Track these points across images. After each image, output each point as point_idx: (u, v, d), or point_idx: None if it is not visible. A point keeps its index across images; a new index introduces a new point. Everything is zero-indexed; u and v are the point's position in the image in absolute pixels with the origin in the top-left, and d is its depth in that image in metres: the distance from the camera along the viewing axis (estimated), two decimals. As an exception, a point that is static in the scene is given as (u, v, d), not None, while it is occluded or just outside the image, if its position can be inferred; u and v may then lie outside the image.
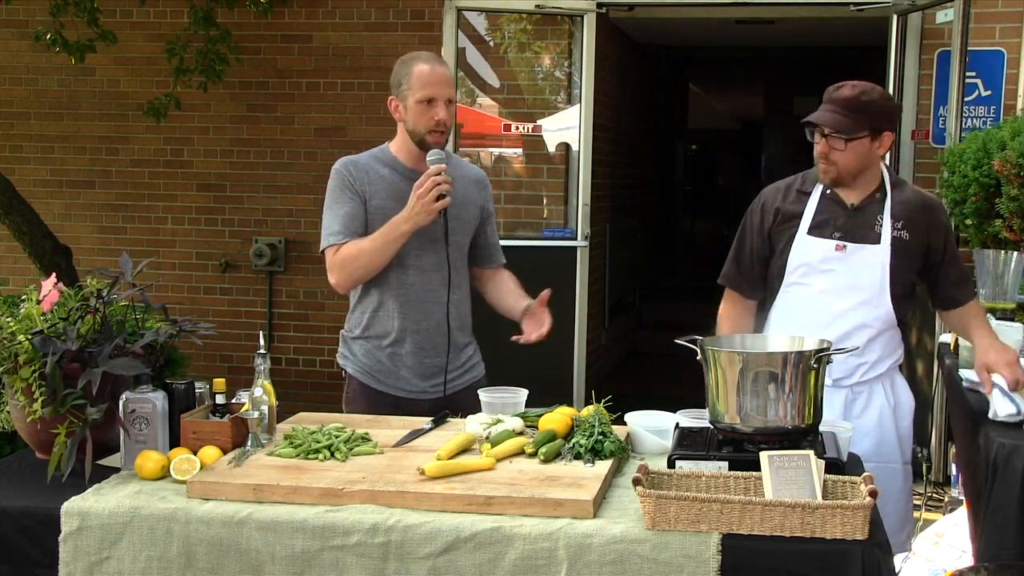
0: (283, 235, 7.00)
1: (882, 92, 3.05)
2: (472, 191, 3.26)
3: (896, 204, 3.05)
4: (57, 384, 2.45)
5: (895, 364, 3.16)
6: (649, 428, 2.69)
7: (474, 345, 3.36)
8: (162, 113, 6.15)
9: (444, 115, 3.09)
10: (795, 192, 3.14)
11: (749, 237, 3.19)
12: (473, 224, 3.27)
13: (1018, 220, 4.36)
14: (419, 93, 3.09)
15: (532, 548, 2.15)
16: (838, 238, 3.04)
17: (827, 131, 2.97)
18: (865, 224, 3.04)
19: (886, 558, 2.11)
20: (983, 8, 5.86)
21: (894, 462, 3.08)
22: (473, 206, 3.25)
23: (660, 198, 12.40)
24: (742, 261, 3.21)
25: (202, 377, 2.84)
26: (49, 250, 6.04)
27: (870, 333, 3.05)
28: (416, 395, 3.20)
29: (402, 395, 3.20)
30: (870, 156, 3.01)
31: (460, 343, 3.26)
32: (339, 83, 6.85)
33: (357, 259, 3.12)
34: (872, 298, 3.03)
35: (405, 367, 3.20)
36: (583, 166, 6.38)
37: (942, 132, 5.81)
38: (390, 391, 3.21)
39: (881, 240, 3.02)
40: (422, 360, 3.20)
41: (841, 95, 2.99)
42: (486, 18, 6.95)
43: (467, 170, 3.33)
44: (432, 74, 3.10)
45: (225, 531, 2.24)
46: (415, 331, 3.18)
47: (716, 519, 2.13)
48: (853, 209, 3.06)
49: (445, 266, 3.17)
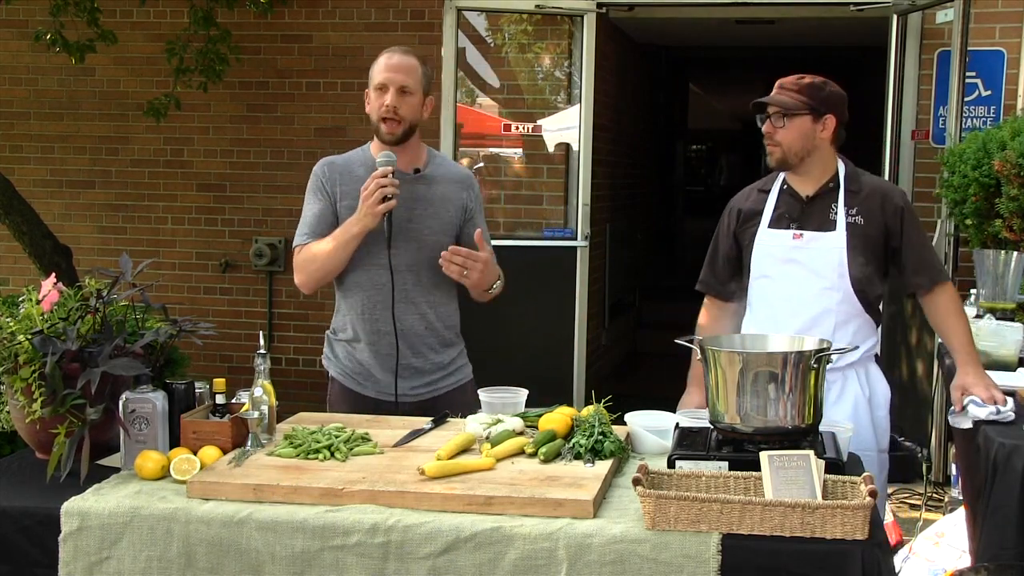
0: (283, 235, 6.99)
1: (828, 82, 3.16)
2: (453, 190, 3.20)
3: (849, 192, 3.13)
4: (57, 384, 2.45)
5: (869, 353, 3.19)
6: (649, 428, 2.69)
7: (458, 348, 3.28)
8: (162, 113, 6.15)
9: (393, 101, 3.05)
10: (756, 192, 3.27)
11: (719, 241, 3.33)
12: (454, 223, 3.19)
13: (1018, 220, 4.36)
14: (375, 81, 3.11)
15: (532, 548, 2.15)
16: (795, 228, 3.14)
17: (771, 110, 3.11)
18: (820, 213, 3.13)
19: (886, 558, 2.11)
20: (983, 8, 5.86)
21: (870, 450, 3.12)
22: (452, 205, 3.19)
23: (660, 198, 12.40)
24: (716, 265, 3.35)
25: (202, 377, 2.83)
26: (49, 250, 6.04)
27: (835, 319, 3.10)
28: (391, 397, 3.14)
29: (382, 398, 3.16)
30: (813, 138, 3.11)
31: (433, 346, 3.19)
32: (339, 83, 6.85)
33: (314, 260, 3.12)
34: (833, 284, 3.09)
35: (380, 370, 3.16)
36: (583, 166, 6.38)
37: (942, 132, 5.81)
38: (369, 394, 3.17)
39: (836, 227, 3.10)
40: (387, 363, 3.14)
41: (787, 80, 3.15)
42: (486, 18, 6.95)
43: (450, 169, 3.27)
44: (388, 61, 3.10)
45: (225, 531, 2.24)
46: (373, 332, 3.14)
47: (716, 519, 2.13)
48: (808, 200, 3.16)
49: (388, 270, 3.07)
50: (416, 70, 3.11)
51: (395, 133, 3.09)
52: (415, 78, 3.10)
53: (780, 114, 3.10)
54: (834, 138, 3.14)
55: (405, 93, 3.08)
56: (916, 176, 6.09)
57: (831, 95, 3.13)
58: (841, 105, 3.14)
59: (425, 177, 3.17)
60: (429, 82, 3.15)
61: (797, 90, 3.11)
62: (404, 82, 3.07)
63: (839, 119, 3.13)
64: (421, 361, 3.17)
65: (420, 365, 3.17)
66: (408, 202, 3.09)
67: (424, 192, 3.15)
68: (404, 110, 3.08)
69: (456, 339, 3.29)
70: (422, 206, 3.13)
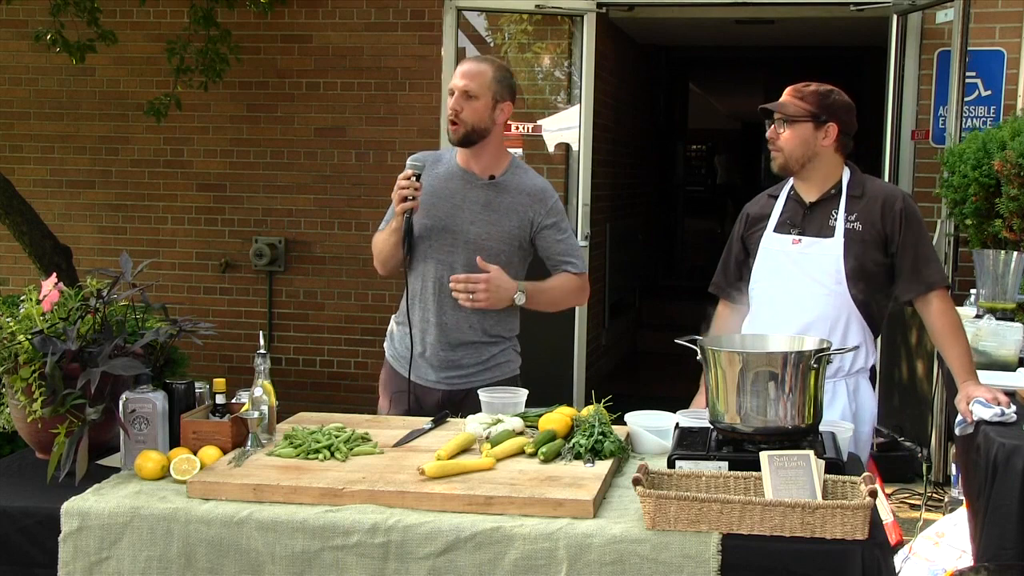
0: (283, 235, 7.00)
1: (835, 90, 3.18)
2: (523, 202, 3.28)
3: (851, 198, 3.15)
4: (57, 384, 2.45)
5: (863, 367, 3.19)
6: (649, 428, 2.69)
7: (501, 346, 3.35)
8: (162, 113, 6.15)
9: (455, 104, 3.19)
10: (766, 197, 3.32)
11: (731, 245, 3.38)
12: (516, 235, 3.28)
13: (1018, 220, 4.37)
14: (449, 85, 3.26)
15: (532, 548, 2.15)
16: (795, 233, 3.17)
17: (776, 115, 3.14)
18: (821, 219, 3.15)
19: (886, 558, 2.11)
20: (983, 8, 5.86)
21: None
22: (518, 216, 3.27)
23: (660, 198, 12.40)
24: (727, 269, 3.39)
25: (202, 377, 2.84)
26: (49, 250, 6.04)
27: (831, 324, 3.10)
28: (430, 384, 3.29)
29: (419, 382, 3.29)
30: (814, 145, 3.12)
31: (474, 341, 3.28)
32: (339, 83, 6.86)
33: (375, 246, 3.35)
34: (831, 290, 3.10)
35: (423, 357, 3.29)
36: (583, 166, 6.39)
37: (942, 132, 5.81)
38: (413, 378, 3.29)
39: (835, 233, 3.11)
40: (437, 352, 3.27)
41: (796, 86, 3.18)
42: (486, 18, 6.95)
43: (525, 180, 3.32)
44: (460, 67, 3.26)
45: (225, 531, 2.24)
46: (436, 323, 3.26)
47: (716, 519, 2.13)
48: (810, 206, 3.18)
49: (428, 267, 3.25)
50: (483, 75, 3.21)
51: (457, 134, 3.22)
52: (480, 83, 3.20)
53: (783, 120, 3.12)
54: (838, 146, 3.15)
55: (469, 97, 3.19)
56: (916, 176, 6.09)
57: (835, 103, 3.14)
58: (846, 114, 3.13)
59: (497, 185, 3.27)
60: (503, 87, 3.23)
61: (801, 97, 3.13)
62: (468, 87, 3.19)
63: (841, 127, 3.12)
64: (460, 354, 3.28)
65: (456, 359, 3.28)
66: (476, 207, 3.24)
67: (493, 199, 3.26)
68: (466, 114, 3.19)
69: (502, 339, 3.36)
70: (487, 212, 3.25)
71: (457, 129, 3.20)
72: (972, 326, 3.52)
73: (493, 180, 3.27)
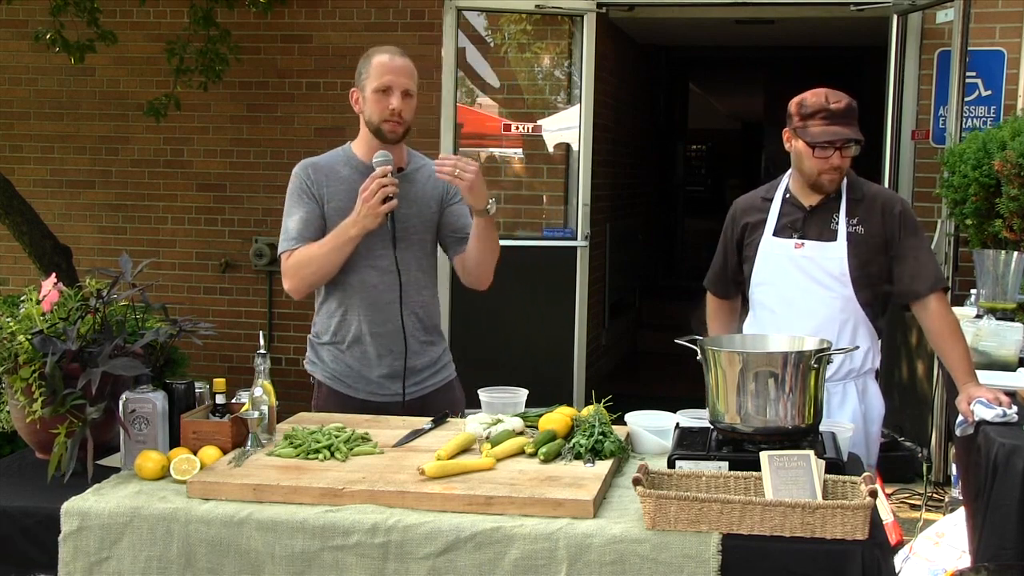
0: (283, 235, 6.99)
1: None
2: (432, 185, 3.19)
3: (851, 201, 3.15)
4: (57, 384, 2.45)
5: (869, 368, 3.21)
6: (649, 428, 2.69)
7: (443, 346, 3.29)
8: (162, 113, 6.15)
9: (399, 104, 3.07)
10: (760, 200, 3.30)
11: (724, 247, 3.38)
12: (434, 219, 3.20)
13: (1018, 220, 4.37)
14: (376, 82, 3.09)
15: (532, 548, 2.15)
16: (797, 237, 3.17)
17: (856, 143, 3.08)
18: (822, 222, 3.16)
19: (886, 558, 2.11)
20: (983, 8, 5.86)
21: None
22: (432, 200, 3.20)
23: (660, 198, 12.40)
24: (718, 266, 3.41)
25: (202, 377, 2.83)
26: (49, 250, 6.05)
27: (837, 327, 3.11)
28: (384, 398, 3.15)
29: (370, 398, 3.15)
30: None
31: (421, 345, 3.19)
32: (339, 83, 6.85)
33: (308, 264, 3.09)
34: (835, 293, 3.11)
35: (370, 370, 3.15)
36: (583, 166, 6.39)
37: (942, 132, 5.81)
38: (358, 395, 3.16)
39: (838, 236, 3.12)
40: (387, 363, 3.15)
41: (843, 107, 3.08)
42: (486, 18, 6.95)
43: (422, 163, 3.26)
44: (390, 63, 3.10)
45: (225, 531, 2.24)
46: (378, 333, 3.13)
47: (716, 519, 2.13)
48: (811, 210, 3.18)
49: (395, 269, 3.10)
50: (415, 73, 3.16)
51: (397, 134, 3.12)
52: (415, 80, 3.15)
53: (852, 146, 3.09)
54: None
55: (408, 96, 3.11)
56: (916, 176, 6.09)
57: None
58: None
59: (408, 175, 3.18)
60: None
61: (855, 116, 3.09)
62: (407, 86, 3.11)
63: None
64: (415, 360, 3.18)
65: (413, 364, 3.17)
66: (400, 203, 3.07)
67: (409, 190, 3.14)
68: (407, 113, 3.12)
69: (440, 338, 3.30)
70: (406, 205, 3.12)
71: (398, 128, 3.09)
72: (972, 326, 3.52)
73: (403, 172, 3.15)
